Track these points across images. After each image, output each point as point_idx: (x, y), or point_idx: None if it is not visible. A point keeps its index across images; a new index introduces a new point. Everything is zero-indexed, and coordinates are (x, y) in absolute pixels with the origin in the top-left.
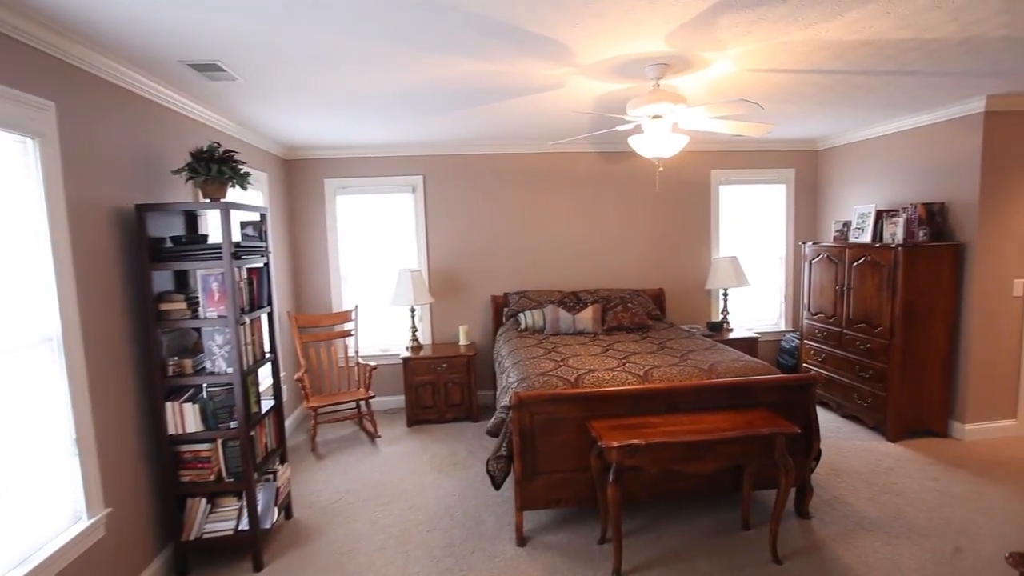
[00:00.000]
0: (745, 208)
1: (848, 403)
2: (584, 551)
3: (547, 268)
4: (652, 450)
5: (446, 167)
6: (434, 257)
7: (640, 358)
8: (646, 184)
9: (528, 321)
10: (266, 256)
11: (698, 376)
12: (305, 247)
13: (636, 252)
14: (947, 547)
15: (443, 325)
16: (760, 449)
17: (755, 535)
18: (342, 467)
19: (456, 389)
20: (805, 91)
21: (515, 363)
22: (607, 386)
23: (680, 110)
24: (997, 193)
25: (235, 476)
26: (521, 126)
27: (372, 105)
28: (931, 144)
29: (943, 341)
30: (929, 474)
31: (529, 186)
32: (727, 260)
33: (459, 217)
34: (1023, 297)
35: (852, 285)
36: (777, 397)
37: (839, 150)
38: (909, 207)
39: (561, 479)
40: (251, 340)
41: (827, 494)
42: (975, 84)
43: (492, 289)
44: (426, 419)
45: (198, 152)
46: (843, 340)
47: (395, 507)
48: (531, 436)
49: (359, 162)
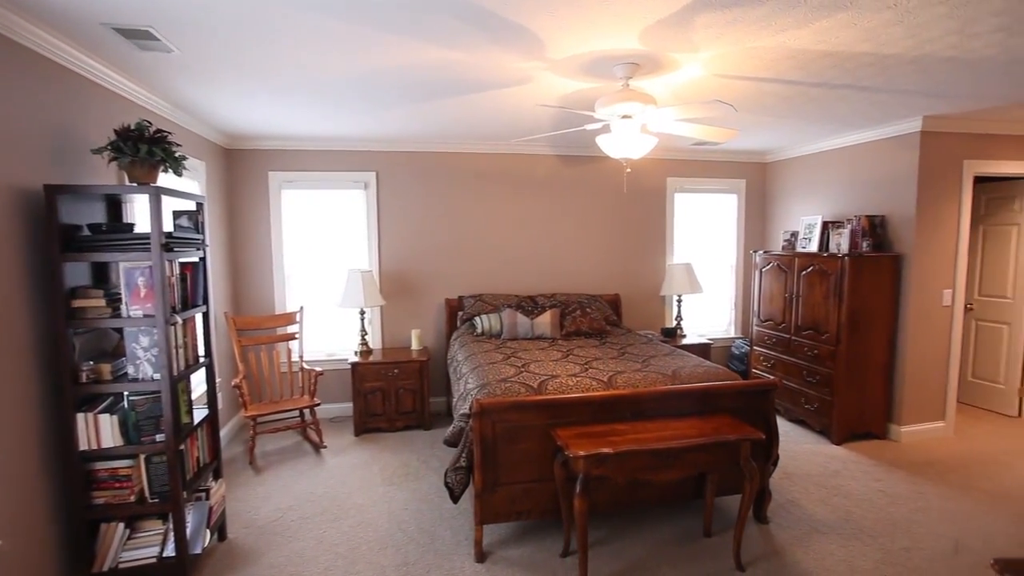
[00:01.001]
0: (699, 216)
1: (796, 407)
2: (547, 565)
3: (504, 272)
4: (621, 459)
5: (401, 164)
6: (386, 258)
7: (602, 364)
8: (605, 189)
9: (485, 325)
10: (203, 250)
11: (662, 382)
12: (246, 244)
13: (593, 257)
14: (948, 546)
15: (395, 329)
16: (727, 456)
17: (717, 542)
18: (283, 481)
19: (408, 396)
20: (766, 101)
21: (473, 369)
22: (571, 392)
23: (650, 111)
24: (930, 208)
25: (160, 496)
26: (483, 123)
27: (325, 92)
28: (873, 160)
29: (883, 348)
30: (872, 475)
31: (487, 187)
32: (682, 267)
33: (414, 216)
34: (951, 307)
35: (801, 293)
36: (739, 403)
37: (787, 163)
38: (853, 219)
39: (523, 490)
40: (183, 342)
41: (782, 498)
42: (915, 104)
43: (446, 292)
44: (376, 427)
45: (124, 130)
46: (791, 346)
47: (343, 523)
48: (493, 445)
49: (308, 155)
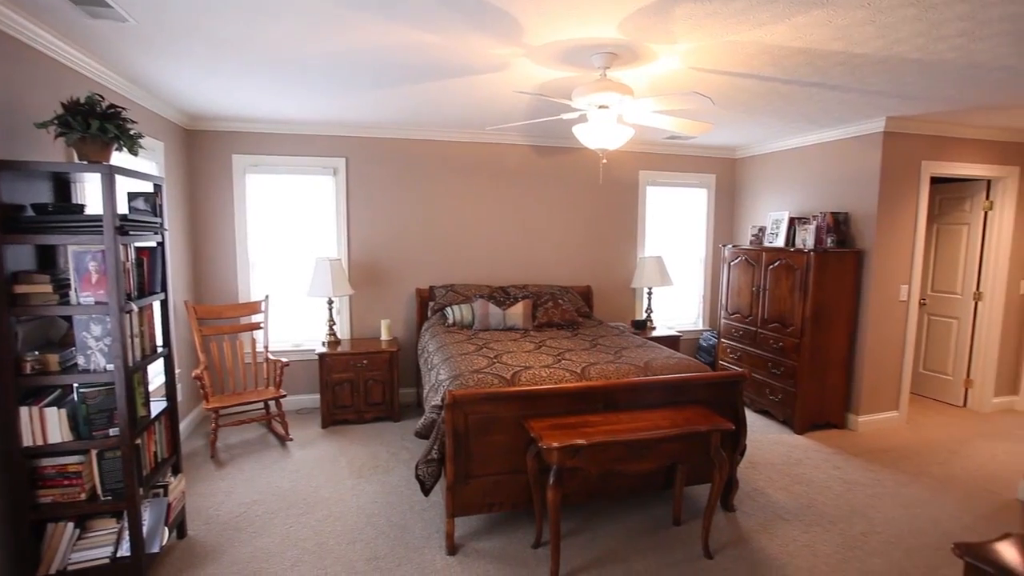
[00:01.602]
0: (670, 210)
1: (760, 398)
2: (518, 556)
3: (475, 262)
4: (594, 450)
5: (372, 150)
6: (356, 246)
7: (575, 355)
8: (578, 180)
9: (456, 316)
10: (161, 234)
11: (635, 373)
12: (208, 229)
13: (566, 248)
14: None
15: (364, 319)
16: (698, 446)
17: (686, 530)
18: (247, 475)
19: (377, 387)
20: (739, 97)
21: (445, 360)
22: (544, 384)
23: (627, 102)
24: (890, 206)
25: (114, 493)
26: (458, 110)
27: (293, 72)
28: (838, 158)
29: (844, 341)
30: (832, 463)
31: (459, 176)
32: (652, 260)
33: (384, 204)
34: (907, 302)
35: (768, 287)
36: (709, 394)
37: (757, 159)
38: (819, 215)
39: (495, 482)
40: (140, 332)
41: (748, 486)
42: (880, 104)
43: (417, 282)
44: (344, 419)
45: (73, 104)
46: (758, 339)
47: (310, 518)
48: (465, 437)
49: (274, 138)
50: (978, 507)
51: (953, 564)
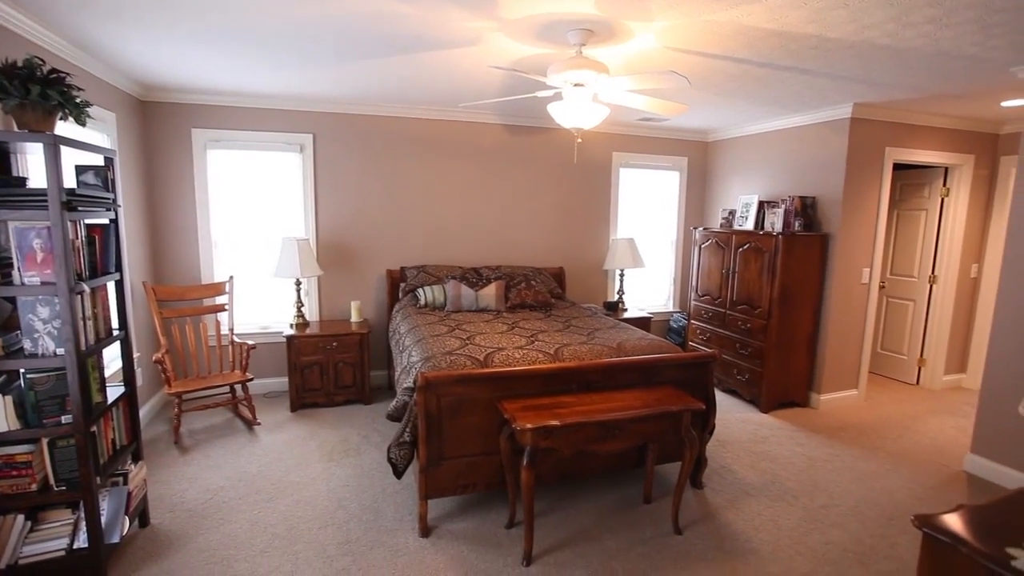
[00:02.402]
0: (642, 192)
1: (728, 378)
2: (492, 537)
3: (447, 242)
4: (568, 431)
5: (340, 126)
6: (324, 226)
7: (548, 336)
8: (551, 161)
9: (428, 297)
10: (113, 210)
11: (608, 354)
12: (167, 207)
13: (539, 229)
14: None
15: (333, 300)
16: (669, 426)
17: (656, 508)
18: (213, 461)
19: (347, 370)
20: (713, 79)
21: (417, 341)
22: (518, 365)
23: (603, 80)
24: (855, 191)
25: (69, 483)
26: (429, 86)
27: (254, 42)
28: (807, 143)
29: (809, 322)
30: (796, 440)
31: (431, 155)
32: (625, 242)
33: (354, 183)
34: (868, 284)
35: (737, 269)
36: (680, 374)
37: (728, 142)
38: (787, 199)
39: (468, 464)
40: (93, 314)
41: (715, 464)
42: (849, 90)
43: (388, 263)
44: (313, 403)
45: (9, 67)
46: (727, 320)
47: (279, 503)
48: (438, 419)
49: (237, 112)
50: (928, 479)
51: (906, 533)
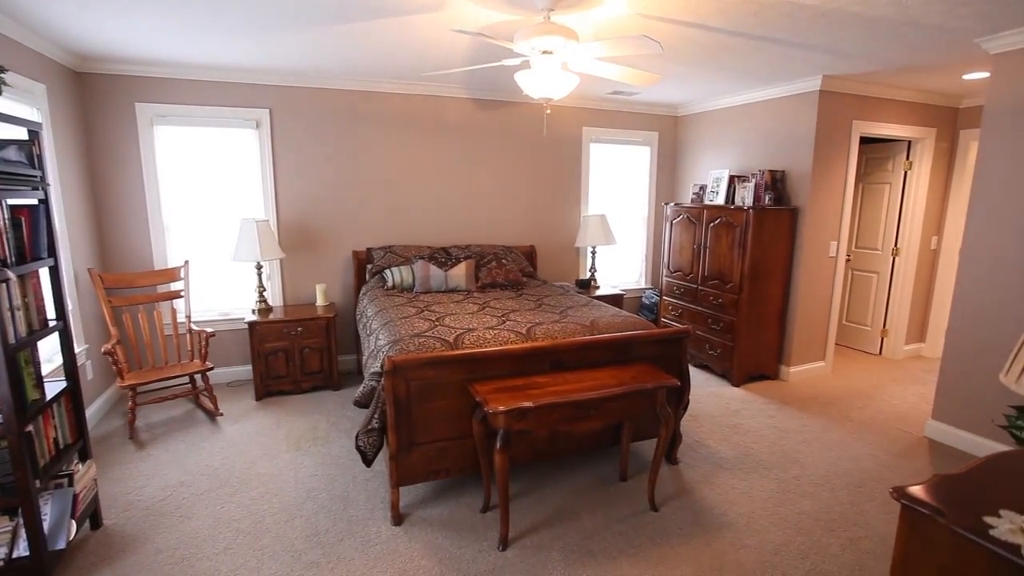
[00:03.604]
0: (613, 168)
1: (700, 353)
2: (467, 522)
3: (415, 222)
4: (542, 412)
5: (298, 101)
6: (285, 206)
7: (520, 315)
8: (521, 136)
9: (396, 278)
10: (43, 190)
11: (581, 332)
12: (113, 188)
13: (509, 207)
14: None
15: (297, 284)
16: (644, 403)
17: (632, 485)
18: (172, 455)
19: (314, 355)
20: (685, 49)
21: (384, 324)
22: (489, 346)
23: (572, 47)
24: (824, 164)
25: (3, 489)
26: (390, 56)
27: (202, 5)
28: (776, 116)
29: (778, 296)
30: (767, 413)
31: (396, 131)
32: (596, 218)
33: (315, 161)
34: (835, 257)
35: (709, 244)
36: (654, 351)
37: (699, 116)
38: (758, 173)
39: (440, 449)
40: (23, 303)
41: (689, 439)
42: (818, 61)
43: (354, 244)
44: (280, 390)
45: None
46: (698, 296)
47: (243, 497)
48: (407, 404)
49: (184, 85)
50: (893, 446)
51: (873, 499)
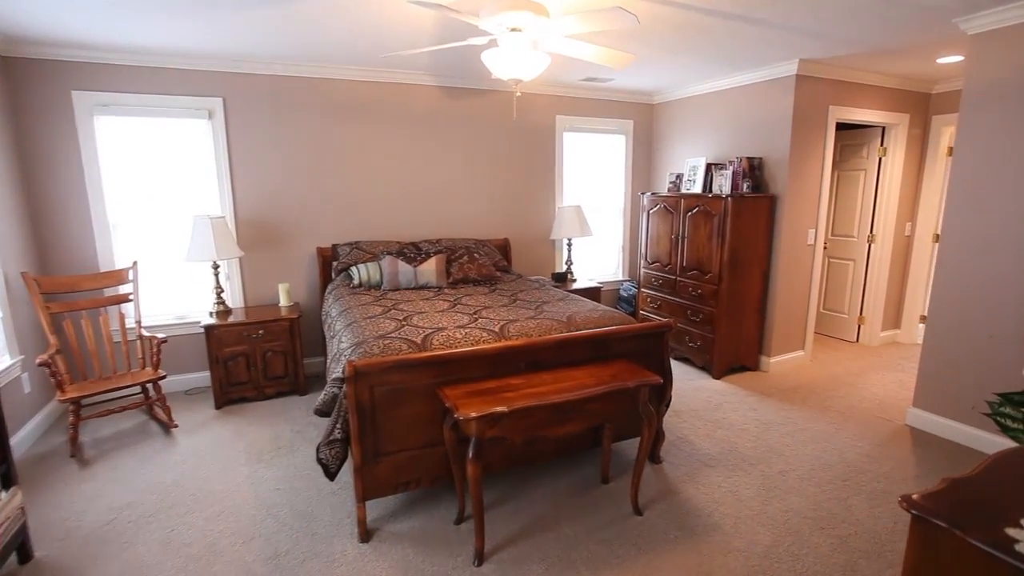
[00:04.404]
0: (588, 157)
1: (680, 346)
2: (440, 536)
3: (383, 216)
4: (516, 417)
5: (255, 89)
6: (243, 201)
7: (493, 312)
8: (493, 126)
9: (362, 275)
10: None
11: (557, 329)
12: (48, 184)
13: (481, 199)
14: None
15: (258, 284)
16: (626, 403)
17: (615, 488)
18: (119, 473)
19: (277, 359)
20: (659, 30)
21: (348, 325)
22: (459, 346)
23: (542, 24)
24: (801, 151)
25: None
26: (349, 37)
27: None
28: (753, 102)
29: (758, 285)
30: (749, 405)
31: (361, 121)
32: (571, 209)
33: (274, 153)
34: (814, 245)
35: (687, 234)
36: (634, 346)
37: (674, 104)
38: (735, 160)
39: (409, 458)
40: None
41: (672, 435)
42: (795, 43)
43: (318, 240)
44: (241, 397)
45: None
46: (677, 287)
47: (196, 517)
48: (371, 412)
49: (128, 72)
50: (875, 435)
51: (859, 493)
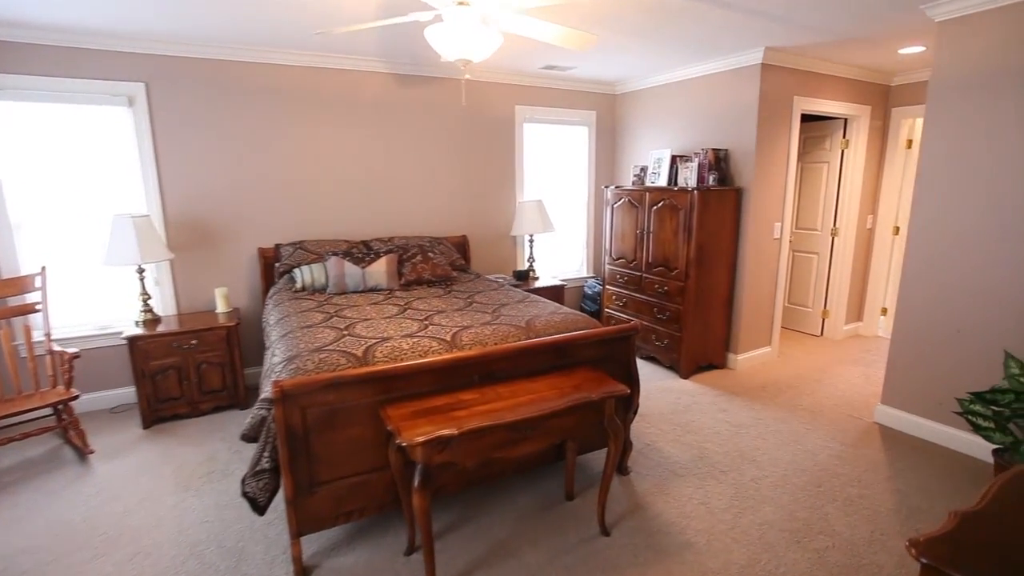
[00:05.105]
0: (550, 150)
1: (646, 344)
2: (388, 570)
3: (331, 213)
4: (468, 439)
5: (184, 74)
6: (172, 199)
7: (446, 318)
8: (449, 117)
9: (306, 278)
10: None
11: (515, 336)
12: None
13: (437, 194)
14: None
15: (193, 289)
16: (591, 416)
17: (580, 505)
18: (19, 512)
19: (214, 371)
20: (624, 14)
21: (283, 335)
22: (406, 359)
23: None
24: (767, 142)
25: None
26: (285, 13)
27: None
28: (719, 92)
29: (725, 281)
30: (718, 406)
31: (306, 110)
32: (533, 204)
33: (209, 145)
34: (780, 239)
35: (652, 229)
36: (599, 351)
37: (638, 94)
38: (700, 152)
39: (351, 486)
40: None
41: (639, 442)
42: (761, 29)
43: (260, 240)
44: (173, 414)
45: None
46: (643, 284)
47: (105, 562)
48: (305, 437)
49: (28, 51)
50: (845, 435)
51: (834, 500)
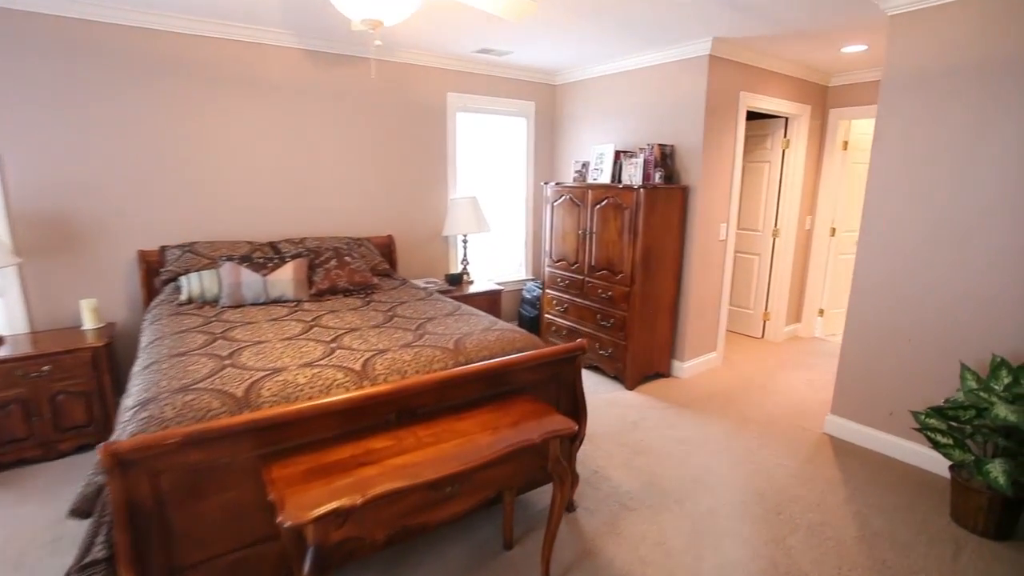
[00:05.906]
0: (485, 142)
1: (590, 353)
2: None
3: (230, 210)
4: (376, 506)
5: (29, 35)
6: (18, 191)
7: (359, 338)
8: (372, 102)
9: (193, 288)
10: None
11: (442, 361)
12: None
13: (359, 189)
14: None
15: (51, 301)
16: (532, 459)
17: (520, 555)
18: None
19: (75, 402)
20: None
21: (147, 367)
22: (301, 397)
23: None
24: (714, 139)
25: None
26: None
27: None
28: (665, 84)
29: (671, 285)
30: (667, 422)
31: (200, 87)
32: (466, 201)
33: (70, 125)
34: (725, 241)
35: (595, 229)
36: (540, 374)
37: (579, 84)
38: (646, 148)
39: (232, 564)
40: None
41: (586, 469)
42: (710, 17)
43: (141, 241)
44: (19, 460)
45: None
46: (585, 288)
47: None
48: (159, 512)
49: None
50: (798, 449)
51: (796, 530)
